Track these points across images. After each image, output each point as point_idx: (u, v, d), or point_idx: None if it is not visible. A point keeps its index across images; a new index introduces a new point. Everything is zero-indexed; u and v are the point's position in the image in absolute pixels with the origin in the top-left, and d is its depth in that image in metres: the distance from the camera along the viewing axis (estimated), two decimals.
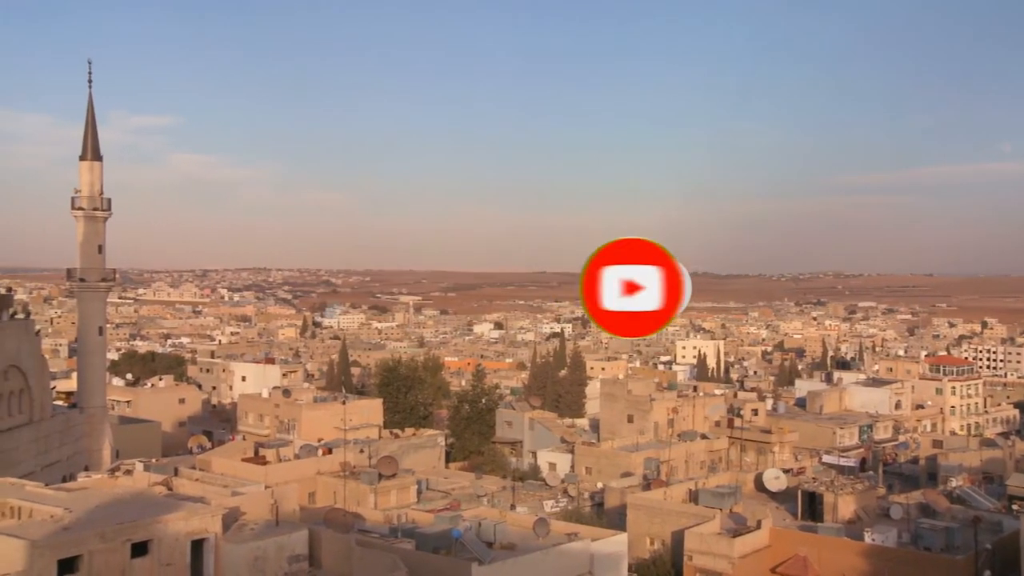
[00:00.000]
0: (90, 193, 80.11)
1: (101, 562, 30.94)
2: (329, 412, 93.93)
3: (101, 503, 36.73)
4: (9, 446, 66.28)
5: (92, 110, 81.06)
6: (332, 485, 67.19)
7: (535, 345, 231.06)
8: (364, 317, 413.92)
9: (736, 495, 61.94)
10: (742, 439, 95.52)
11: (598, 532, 47.84)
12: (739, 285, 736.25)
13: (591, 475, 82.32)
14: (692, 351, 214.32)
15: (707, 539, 53.74)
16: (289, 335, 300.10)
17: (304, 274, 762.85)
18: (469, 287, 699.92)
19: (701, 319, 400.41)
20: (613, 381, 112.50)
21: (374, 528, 46.16)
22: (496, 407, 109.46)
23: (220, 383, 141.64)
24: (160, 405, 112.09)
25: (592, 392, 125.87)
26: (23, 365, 70.39)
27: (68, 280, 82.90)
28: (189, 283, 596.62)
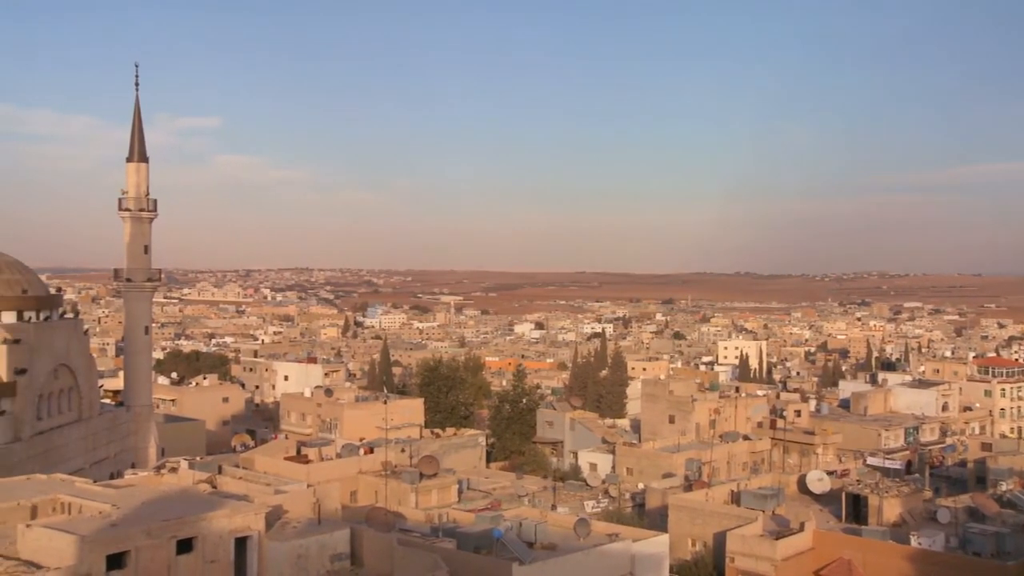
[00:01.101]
0: (136, 194, 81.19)
1: (148, 558, 31.33)
2: (370, 412, 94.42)
3: (147, 500, 37.21)
4: (59, 443, 67.40)
5: (139, 112, 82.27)
6: (373, 484, 67.55)
7: (576, 345, 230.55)
8: (405, 317, 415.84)
9: (779, 497, 61.32)
10: (785, 440, 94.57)
11: (639, 533, 47.58)
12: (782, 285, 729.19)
13: (632, 476, 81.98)
14: (734, 352, 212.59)
15: (749, 541, 53.24)
16: (331, 335, 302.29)
17: (346, 274, 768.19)
18: (510, 287, 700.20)
19: (743, 319, 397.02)
20: (654, 381, 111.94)
21: (415, 527, 46.30)
22: (537, 407, 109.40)
23: (263, 382, 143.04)
24: (204, 404, 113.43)
25: (633, 392, 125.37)
26: (72, 364, 71.56)
27: (115, 280, 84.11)
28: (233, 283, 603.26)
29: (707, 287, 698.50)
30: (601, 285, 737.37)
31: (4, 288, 66.03)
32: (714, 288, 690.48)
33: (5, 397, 62.05)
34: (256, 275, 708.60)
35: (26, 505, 37.69)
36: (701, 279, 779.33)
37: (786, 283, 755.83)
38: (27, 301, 68.45)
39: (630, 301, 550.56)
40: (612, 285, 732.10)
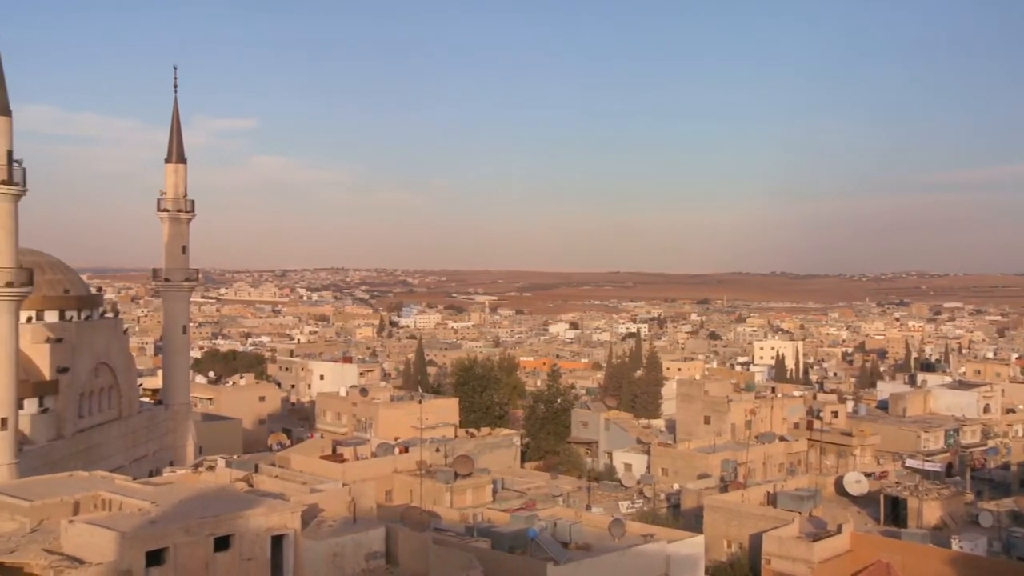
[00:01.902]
0: (175, 195, 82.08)
1: (186, 555, 31.66)
2: (405, 411, 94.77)
3: (186, 498, 37.59)
4: (99, 440, 68.34)
5: (177, 114, 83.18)
6: (408, 483, 67.79)
7: (611, 345, 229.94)
8: (440, 317, 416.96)
9: (816, 498, 60.74)
10: (822, 441, 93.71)
11: (674, 534, 47.35)
12: (818, 285, 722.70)
13: (667, 476, 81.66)
14: (770, 352, 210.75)
15: (786, 543, 52.78)
16: (366, 334, 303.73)
17: (381, 274, 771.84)
18: (545, 287, 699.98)
19: (779, 319, 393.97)
20: (690, 382, 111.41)
21: (450, 527, 46.40)
22: (572, 407, 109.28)
23: (299, 381, 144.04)
24: (241, 403, 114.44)
25: (668, 393, 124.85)
26: (112, 362, 72.53)
27: (154, 280, 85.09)
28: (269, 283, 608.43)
29: (743, 287, 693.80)
30: (636, 285, 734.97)
31: (47, 288, 67.05)
32: (750, 288, 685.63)
33: (48, 395, 63.05)
34: (292, 275, 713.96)
35: (69, 501, 38.23)
36: (737, 279, 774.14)
37: (823, 283, 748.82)
38: (69, 301, 69.49)
39: (665, 301, 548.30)
40: (647, 285, 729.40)
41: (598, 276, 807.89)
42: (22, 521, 37.04)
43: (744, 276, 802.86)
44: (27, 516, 37.14)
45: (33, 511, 37.34)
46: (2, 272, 53.50)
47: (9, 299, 53.85)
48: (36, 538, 34.87)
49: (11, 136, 54.75)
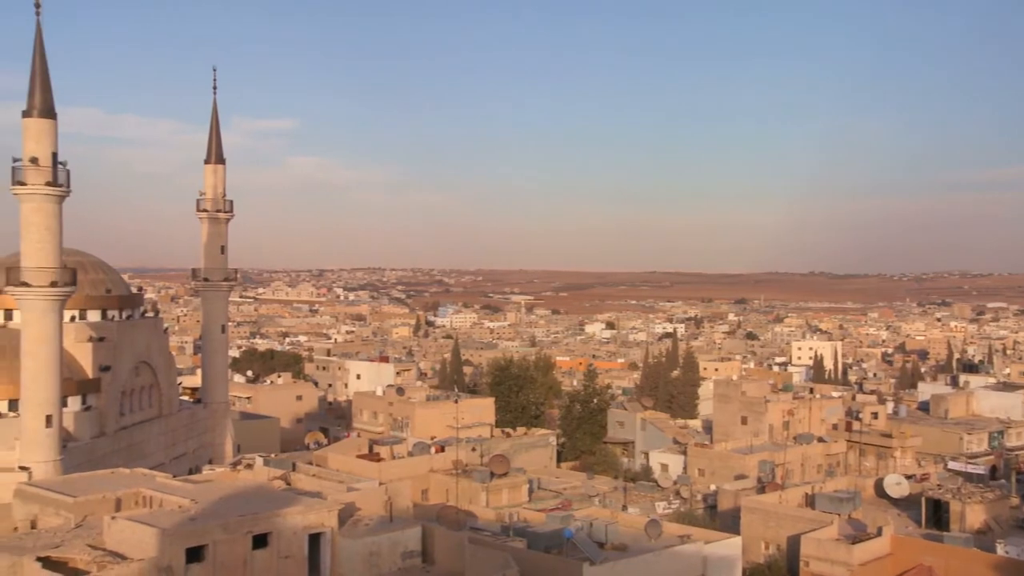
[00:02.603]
0: (213, 195, 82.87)
1: (225, 552, 31.99)
2: (441, 410, 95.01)
3: (224, 495, 37.97)
4: (140, 438, 69.21)
5: (216, 115, 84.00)
6: (444, 483, 67.96)
7: (647, 345, 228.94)
8: (476, 316, 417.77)
9: (855, 500, 60.03)
10: (861, 443, 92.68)
11: (711, 535, 47.06)
12: (857, 285, 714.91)
13: (704, 477, 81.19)
14: (808, 352, 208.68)
15: (825, 545, 52.24)
16: (403, 334, 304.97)
17: (417, 274, 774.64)
18: (581, 287, 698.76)
19: (818, 319, 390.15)
20: (727, 382, 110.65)
21: (486, 526, 46.46)
22: (608, 407, 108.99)
23: (336, 381, 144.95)
24: (278, 402, 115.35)
25: (705, 393, 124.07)
26: (153, 361, 73.43)
27: (193, 279, 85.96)
28: (306, 283, 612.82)
29: (780, 287, 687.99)
30: (672, 285, 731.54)
31: (89, 288, 68.02)
32: (788, 288, 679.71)
33: (91, 393, 63.98)
34: (329, 275, 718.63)
35: (111, 498, 38.81)
36: (774, 279, 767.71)
37: (862, 283, 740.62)
38: (110, 300, 70.44)
39: (702, 301, 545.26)
40: (684, 285, 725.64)
41: (635, 276, 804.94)
42: (67, 516, 37.69)
43: (782, 276, 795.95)
44: (71, 512, 37.78)
45: (77, 507, 37.97)
46: (46, 272, 54.38)
47: (53, 298, 54.72)
48: (80, 533, 35.43)
49: (56, 138, 55.67)
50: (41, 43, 55.60)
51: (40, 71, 55.45)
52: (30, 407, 54.58)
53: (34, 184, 54.29)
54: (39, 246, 54.72)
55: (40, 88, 55.14)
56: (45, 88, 55.33)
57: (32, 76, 55.33)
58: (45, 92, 55.28)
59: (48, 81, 55.57)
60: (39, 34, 55.44)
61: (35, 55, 55.51)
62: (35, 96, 54.98)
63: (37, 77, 55.25)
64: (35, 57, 55.49)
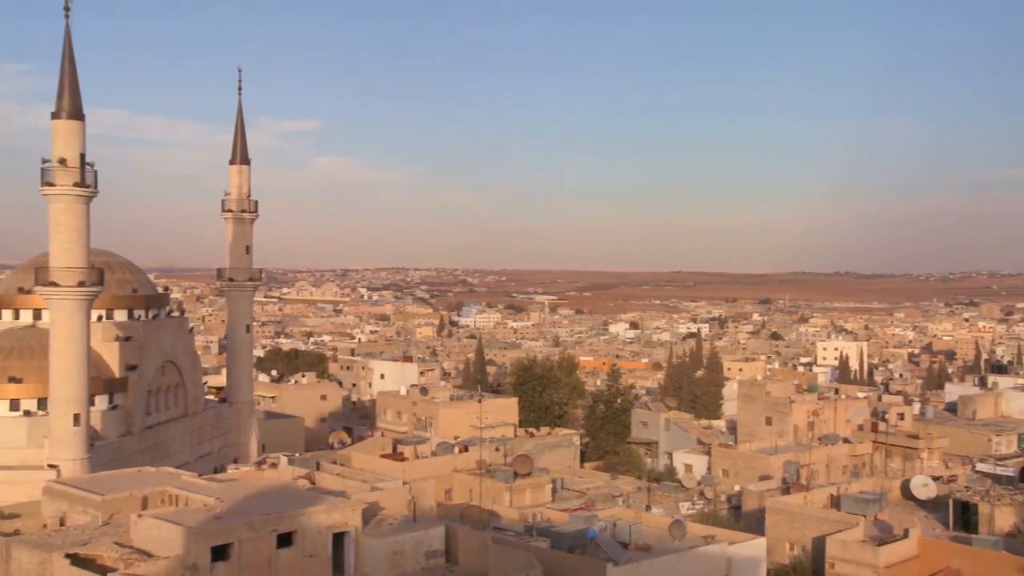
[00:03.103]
0: (238, 196, 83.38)
1: (250, 550, 32.18)
2: (465, 410, 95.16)
3: (249, 494, 38.21)
4: (166, 437, 69.75)
5: (241, 116, 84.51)
6: (468, 482, 68.05)
7: (671, 345, 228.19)
8: (500, 316, 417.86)
9: (881, 502, 59.57)
10: (887, 444, 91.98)
11: (735, 536, 46.87)
12: (883, 285, 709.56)
13: (728, 477, 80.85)
14: (833, 353, 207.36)
15: (850, 546, 51.86)
16: (426, 334, 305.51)
17: (441, 274, 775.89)
18: (604, 287, 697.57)
19: (843, 320, 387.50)
20: (751, 382, 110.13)
21: (509, 526, 46.48)
22: (631, 407, 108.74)
23: (360, 380, 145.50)
24: (303, 401, 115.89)
25: (729, 393, 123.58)
26: (178, 360, 73.99)
27: (218, 279, 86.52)
28: (330, 282, 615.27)
29: (805, 287, 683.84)
30: (696, 285, 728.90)
31: (116, 287, 68.63)
32: (813, 288, 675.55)
33: (117, 392, 64.55)
34: (353, 275, 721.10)
35: (137, 496, 39.16)
36: (799, 279, 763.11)
37: (888, 283, 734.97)
38: (137, 300, 71.05)
39: (726, 301, 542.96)
40: (708, 285, 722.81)
41: (658, 276, 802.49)
42: (94, 514, 38.07)
43: (807, 276, 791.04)
44: (99, 510, 38.16)
45: (104, 505, 38.34)
46: (74, 272, 54.96)
47: (81, 298, 55.30)
48: (107, 531, 35.78)
49: (84, 140, 56.26)
50: (70, 46, 56.22)
51: (69, 73, 56.10)
52: (58, 406, 55.20)
53: (62, 185, 54.93)
54: (67, 246, 55.34)
55: (69, 90, 55.78)
56: (73, 90, 55.96)
57: (61, 78, 56.00)
58: (73, 94, 55.91)
59: (76, 83, 56.19)
60: (68, 37, 56.07)
61: (64, 58, 56.17)
62: (64, 98, 55.64)
63: (66, 79, 55.91)
64: (64, 60, 56.15)
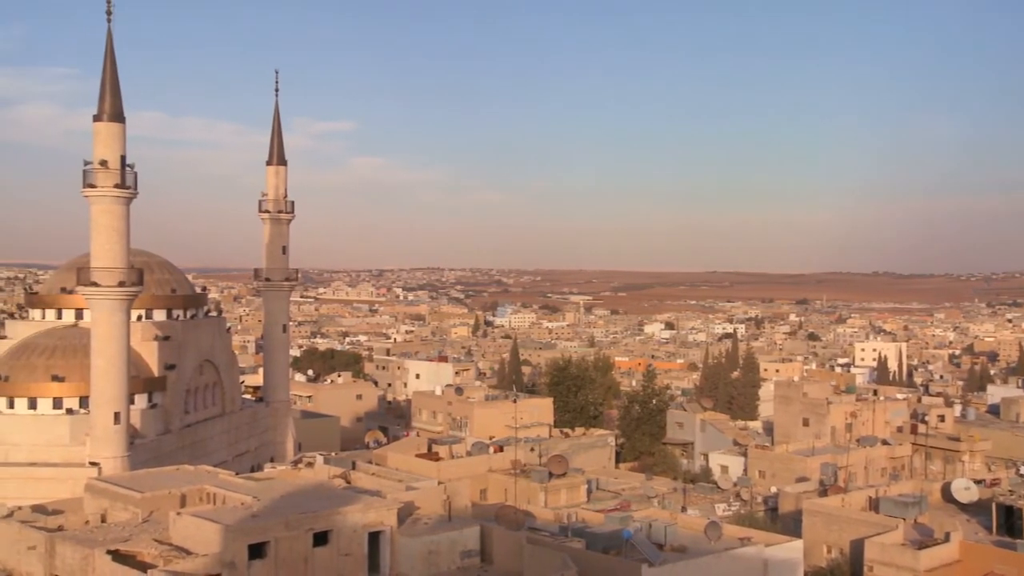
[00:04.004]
0: (275, 196, 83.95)
1: (286, 548, 32.42)
2: (500, 410, 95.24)
3: (286, 493, 38.50)
4: (204, 436, 70.43)
5: (278, 117, 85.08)
6: (503, 482, 68.03)
7: (707, 346, 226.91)
8: (535, 316, 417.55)
9: (921, 505, 58.76)
10: (927, 446, 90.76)
11: (772, 537, 46.45)
12: (923, 285, 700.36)
13: (764, 479, 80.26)
14: (872, 353, 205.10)
15: (890, 550, 51.21)
16: (461, 334, 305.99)
17: (476, 274, 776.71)
18: (640, 287, 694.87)
19: (882, 320, 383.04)
20: (788, 383, 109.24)
21: (544, 526, 46.38)
22: (667, 408, 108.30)
23: (395, 380, 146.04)
24: (339, 401, 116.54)
25: (766, 394, 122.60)
26: (216, 360, 74.70)
27: (255, 279, 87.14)
28: (366, 283, 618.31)
29: (843, 287, 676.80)
30: (733, 285, 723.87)
31: (155, 287, 69.41)
32: (851, 288, 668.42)
33: (156, 391, 65.30)
34: (389, 275, 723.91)
35: (176, 494, 39.62)
36: (837, 279, 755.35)
37: (928, 283, 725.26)
38: (176, 300, 71.83)
39: (762, 301, 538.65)
40: (744, 285, 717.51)
41: (694, 276, 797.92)
42: (134, 511, 38.56)
43: (845, 276, 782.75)
44: (139, 507, 38.65)
45: (144, 502, 38.82)
46: (115, 272, 55.69)
47: (121, 298, 56.03)
48: (147, 528, 36.23)
49: (124, 142, 56.99)
50: (112, 49, 56.99)
51: (110, 76, 56.87)
52: (99, 404, 55.98)
53: (103, 186, 55.68)
54: (108, 247, 56.09)
55: (110, 93, 56.54)
56: (115, 93, 56.70)
57: (102, 81, 56.78)
58: (114, 97, 56.65)
59: (117, 86, 56.94)
60: (109, 40, 56.84)
61: (106, 61, 56.94)
62: (105, 101, 56.42)
63: (107, 82, 56.67)
64: (106, 63, 56.93)
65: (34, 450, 58.45)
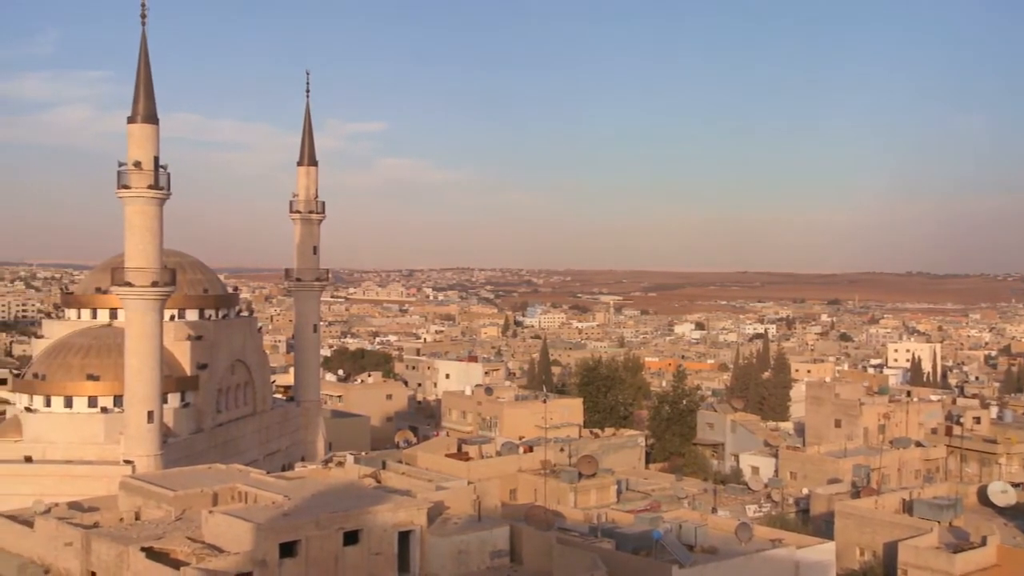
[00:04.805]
0: (306, 197, 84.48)
1: (317, 547, 32.61)
2: (530, 410, 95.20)
3: (316, 492, 38.73)
4: (235, 435, 70.99)
5: (309, 118, 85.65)
6: (532, 483, 68.01)
7: (738, 346, 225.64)
8: (565, 316, 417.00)
9: (956, 508, 58.06)
10: (962, 448, 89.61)
11: (804, 539, 46.10)
12: (958, 285, 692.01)
13: (796, 480, 79.70)
14: (905, 354, 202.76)
15: (924, 553, 50.63)
16: (491, 334, 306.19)
17: (506, 274, 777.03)
18: (670, 287, 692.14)
19: (915, 321, 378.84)
20: (820, 384, 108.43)
21: (574, 527, 46.31)
22: (697, 408, 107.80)
23: (425, 380, 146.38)
24: (369, 400, 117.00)
25: (797, 395, 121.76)
26: (248, 360, 75.25)
27: (286, 279, 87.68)
28: (396, 283, 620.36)
29: (876, 287, 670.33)
30: (764, 285, 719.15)
31: (188, 287, 70.05)
32: (884, 288, 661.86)
33: (189, 390, 65.89)
34: (419, 275, 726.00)
35: (208, 492, 39.97)
36: (870, 279, 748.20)
37: (963, 283, 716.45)
38: (207, 300, 72.45)
39: (794, 302, 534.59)
40: (775, 285, 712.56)
41: (725, 276, 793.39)
42: (167, 509, 38.95)
43: (878, 276, 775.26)
44: (172, 505, 39.03)
45: (177, 500, 39.20)
46: (148, 272, 56.29)
47: (155, 298, 56.61)
48: (180, 526, 36.58)
49: (158, 143, 57.59)
50: (146, 52, 57.61)
51: (144, 79, 57.49)
52: (133, 403, 56.60)
53: (137, 187, 56.32)
54: (141, 247, 56.72)
55: (144, 95, 57.16)
56: (148, 95, 57.31)
57: (136, 84, 57.40)
58: (148, 99, 57.26)
59: (151, 88, 57.54)
60: (144, 43, 57.45)
61: (140, 63, 57.58)
62: (139, 103, 57.05)
63: (141, 84, 57.30)
64: (140, 65, 57.57)
65: (70, 448, 59.19)
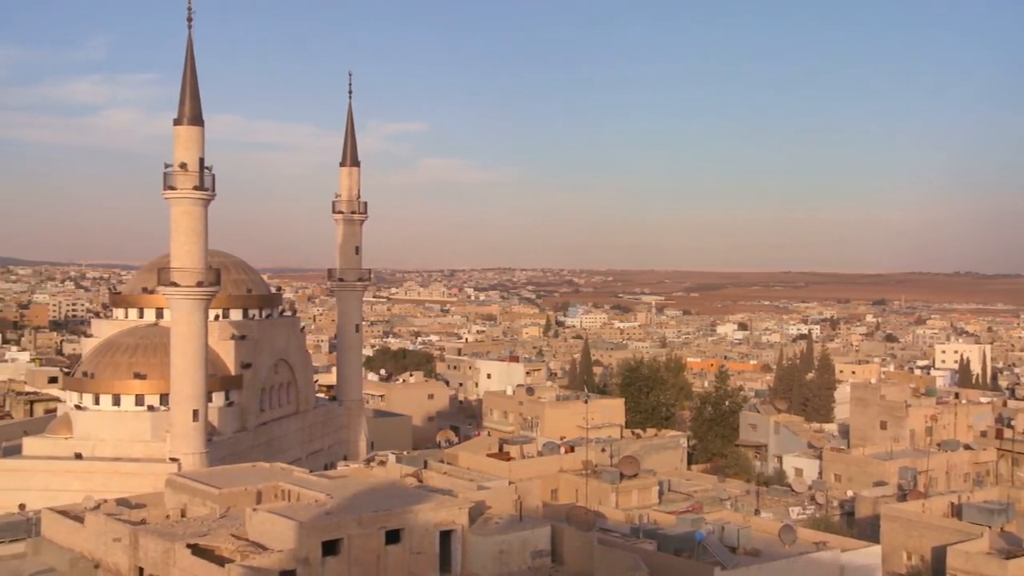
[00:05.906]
0: (348, 197, 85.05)
1: (359, 546, 32.81)
2: (571, 411, 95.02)
3: (359, 491, 38.97)
4: (279, 434, 71.65)
5: (351, 119, 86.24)
6: (574, 483, 67.89)
7: (781, 347, 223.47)
8: (606, 316, 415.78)
9: (1008, 512, 56.91)
10: (1014, 452, 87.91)
11: (849, 542, 45.59)
12: (1009, 285, 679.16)
13: (840, 483, 78.76)
14: (953, 355, 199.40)
15: (975, 558, 49.72)
16: (533, 334, 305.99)
17: (547, 274, 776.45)
18: (712, 287, 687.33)
19: (964, 321, 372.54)
20: (865, 385, 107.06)
21: (615, 527, 46.19)
22: (740, 409, 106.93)
23: (466, 380, 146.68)
24: (411, 400, 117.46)
25: (841, 396, 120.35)
26: (291, 359, 75.92)
27: (328, 280, 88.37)
28: (438, 283, 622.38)
29: (923, 287, 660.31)
30: (808, 285, 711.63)
31: (232, 287, 70.81)
32: (931, 288, 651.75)
33: (233, 389, 66.59)
34: (460, 275, 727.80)
35: (252, 490, 40.37)
36: (916, 279, 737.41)
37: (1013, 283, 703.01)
38: (251, 300, 73.18)
39: (838, 302, 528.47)
40: (819, 285, 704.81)
41: (768, 276, 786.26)
42: (212, 507, 39.41)
43: (924, 276, 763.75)
44: (216, 503, 39.48)
45: (221, 498, 39.64)
46: (193, 272, 56.99)
47: (200, 298, 57.31)
48: (224, 523, 36.99)
49: (203, 145, 58.30)
50: (192, 54, 58.35)
51: (190, 81, 58.23)
52: (179, 401, 57.34)
53: (183, 189, 57.06)
54: (187, 248, 57.45)
55: (190, 97, 57.89)
56: (194, 97, 58.04)
57: (183, 86, 58.15)
58: (194, 101, 57.99)
59: (197, 90, 58.26)
60: (190, 46, 58.20)
61: (186, 66, 58.32)
62: (185, 105, 57.79)
63: (187, 87, 58.04)
64: (186, 68, 58.31)
65: (118, 445, 60.13)
